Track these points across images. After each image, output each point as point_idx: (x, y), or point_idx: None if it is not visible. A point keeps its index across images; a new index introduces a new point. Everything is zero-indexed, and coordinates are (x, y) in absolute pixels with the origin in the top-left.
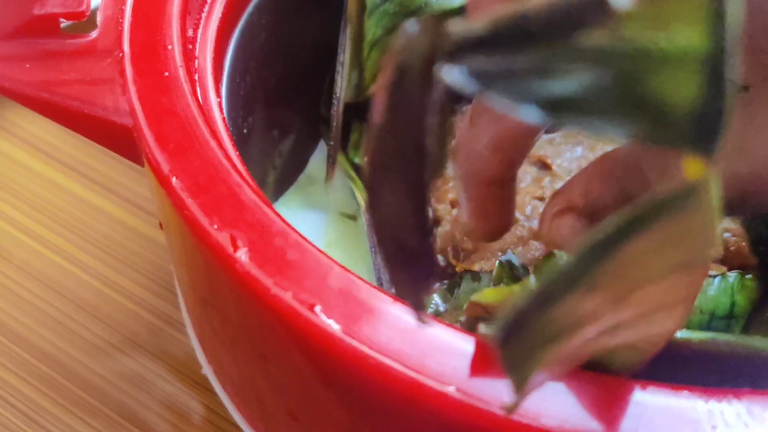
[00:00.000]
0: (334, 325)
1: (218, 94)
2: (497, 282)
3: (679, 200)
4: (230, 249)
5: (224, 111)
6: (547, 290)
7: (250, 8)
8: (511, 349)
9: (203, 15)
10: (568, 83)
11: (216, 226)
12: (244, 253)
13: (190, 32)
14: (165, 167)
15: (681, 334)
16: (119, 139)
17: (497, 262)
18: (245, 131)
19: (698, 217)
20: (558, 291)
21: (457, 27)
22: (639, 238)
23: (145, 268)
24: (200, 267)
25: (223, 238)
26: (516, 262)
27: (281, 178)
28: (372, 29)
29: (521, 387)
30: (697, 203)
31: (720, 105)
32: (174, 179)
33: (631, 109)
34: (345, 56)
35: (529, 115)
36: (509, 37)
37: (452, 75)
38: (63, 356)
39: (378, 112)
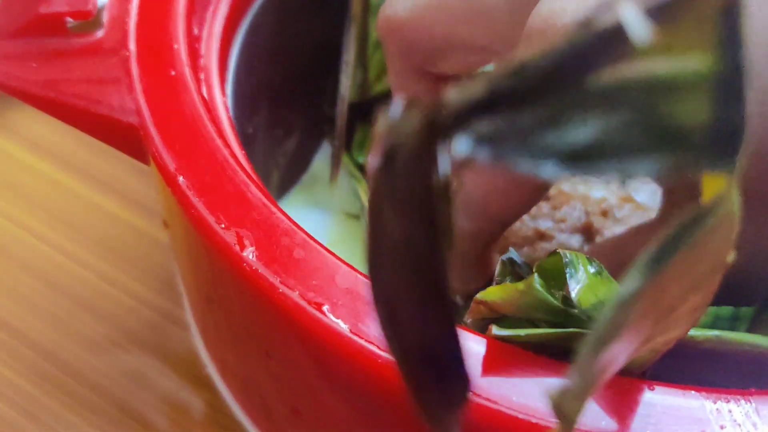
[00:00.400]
0: (341, 325)
1: (224, 93)
2: (500, 280)
3: (703, 218)
4: (237, 248)
5: (229, 110)
6: (606, 333)
7: (255, 7)
8: (566, 397)
9: (208, 14)
10: (584, 129)
11: (223, 225)
12: (251, 252)
13: (195, 31)
14: (171, 166)
15: None
16: (125, 138)
17: (499, 260)
18: (250, 130)
19: (721, 228)
20: (613, 332)
21: (452, 94)
22: (671, 266)
23: (146, 265)
24: (205, 265)
25: (229, 237)
26: (518, 259)
27: (285, 178)
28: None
29: (571, 427)
30: (719, 215)
31: (734, 119)
32: (180, 178)
33: (653, 142)
34: (349, 56)
35: (551, 172)
36: (510, 94)
37: (459, 145)
38: (64, 353)
39: (373, 205)
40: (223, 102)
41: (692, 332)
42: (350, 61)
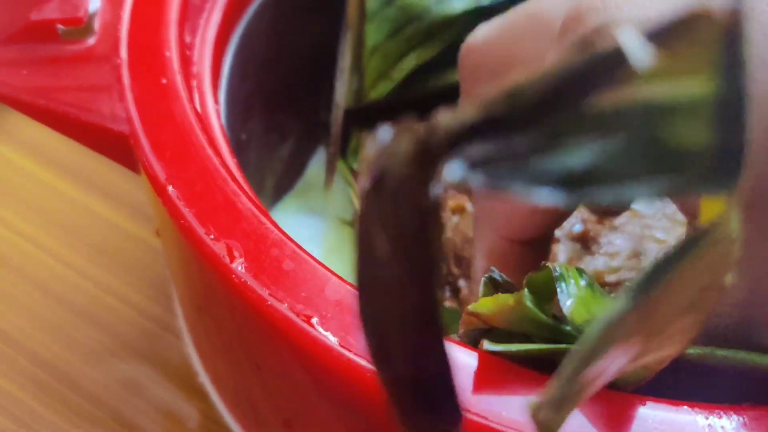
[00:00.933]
0: (330, 338)
1: (216, 101)
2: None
3: (699, 239)
4: (226, 259)
5: (222, 117)
6: (590, 350)
7: (249, 14)
8: (549, 409)
9: (201, 21)
10: (581, 154)
11: (212, 236)
12: (240, 263)
13: (188, 38)
14: (161, 175)
15: None
16: (116, 147)
17: (482, 280)
18: (244, 136)
19: (719, 249)
20: (599, 349)
21: (445, 118)
22: (664, 287)
23: (142, 272)
24: (196, 275)
25: (219, 248)
26: (499, 278)
27: (280, 183)
28: (372, 35)
29: None
30: (717, 237)
31: (734, 143)
32: (170, 188)
33: (651, 165)
34: (345, 62)
35: (547, 198)
36: (504, 119)
37: (451, 171)
38: (59, 361)
39: (361, 227)
40: (216, 109)
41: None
42: (346, 68)
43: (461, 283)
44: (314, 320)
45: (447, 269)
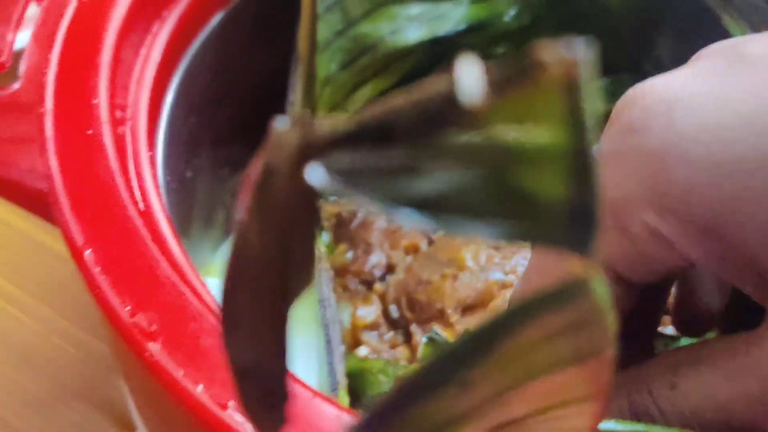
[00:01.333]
0: (246, 426)
1: (151, 146)
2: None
3: (562, 295)
4: (140, 335)
5: (161, 159)
6: (417, 383)
7: (193, 49)
8: None
9: (139, 60)
10: (435, 182)
11: (128, 308)
12: (156, 339)
13: (123, 80)
14: (78, 239)
15: (605, 425)
16: (36, 204)
17: (422, 340)
18: (189, 174)
19: (587, 312)
20: (429, 385)
21: (324, 124)
22: (522, 332)
23: (90, 311)
24: (117, 344)
25: (135, 321)
26: (440, 339)
27: (231, 217)
28: (325, 66)
29: None
30: (583, 298)
31: (589, 201)
32: (87, 252)
33: (503, 208)
34: (295, 95)
35: (401, 217)
36: (375, 135)
37: (315, 174)
38: (2, 408)
39: (242, 215)
40: (149, 156)
41: (612, 426)
42: (297, 101)
43: (413, 328)
44: (230, 404)
45: (399, 313)
